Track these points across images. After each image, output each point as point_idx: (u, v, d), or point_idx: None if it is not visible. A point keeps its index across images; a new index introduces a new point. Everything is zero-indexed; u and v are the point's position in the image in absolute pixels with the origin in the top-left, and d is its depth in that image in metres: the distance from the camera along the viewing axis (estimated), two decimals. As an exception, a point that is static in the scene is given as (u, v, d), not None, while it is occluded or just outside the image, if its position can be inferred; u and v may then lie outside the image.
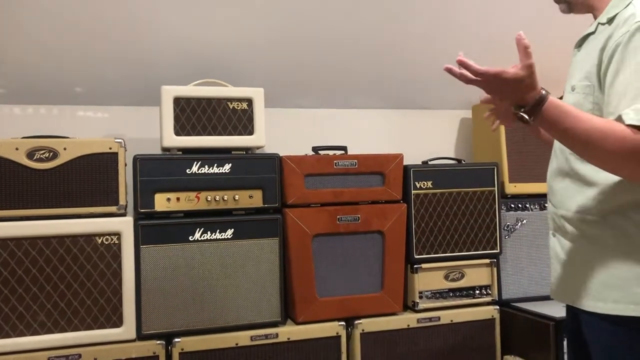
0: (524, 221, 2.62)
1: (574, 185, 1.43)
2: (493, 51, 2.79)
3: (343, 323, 2.27)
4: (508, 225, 2.60)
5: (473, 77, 1.24)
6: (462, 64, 1.23)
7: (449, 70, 1.26)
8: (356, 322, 2.29)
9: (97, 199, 2.06)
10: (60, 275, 1.99)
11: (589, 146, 1.24)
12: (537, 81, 1.24)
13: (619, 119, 1.23)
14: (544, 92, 1.24)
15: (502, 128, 2.67)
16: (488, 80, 1.24)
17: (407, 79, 2.85)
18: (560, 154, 1.49)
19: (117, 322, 2.04)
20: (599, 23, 1.41)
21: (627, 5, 1.34)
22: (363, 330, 2.29)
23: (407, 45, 2.68)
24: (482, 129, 2.86)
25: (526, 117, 1.25)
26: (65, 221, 2.01)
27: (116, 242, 2.05)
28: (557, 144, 1.51)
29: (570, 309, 1.52)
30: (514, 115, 1.27)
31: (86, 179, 2.04)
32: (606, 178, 1.35)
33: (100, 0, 2.18)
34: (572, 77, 1.46)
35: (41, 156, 2.00)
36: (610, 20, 1.37)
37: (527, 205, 2.63)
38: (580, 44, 1.49)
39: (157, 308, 2.09)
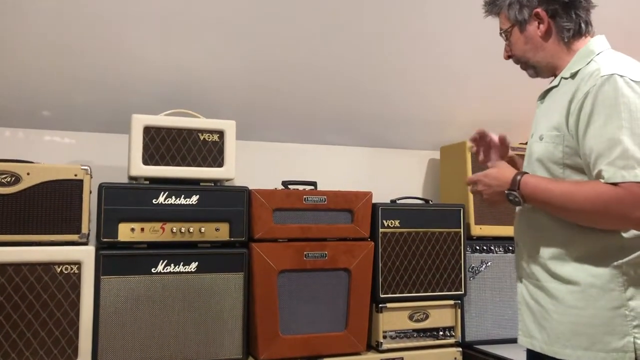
0: (489, 263, 2.65)
1: (543, 232, 1.47)
2: (466, 91, 2.87)
3: (306, 362, 2.24)
4: (473, 267, 2.62)
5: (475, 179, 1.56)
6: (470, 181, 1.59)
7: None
8: (319, 361, 2.26)
9: (59, 227, 2.00)
10: (14, 305, 1.92)
11: (570, 211, 1.38)
12: (506, 173, 1.48)
13: (598, 175, 1.32)
14: (520, 176, 1.44)
15: (469, 171, 2.71)
16: (480, 180, 1.54)
17: (379, 118, 2.89)
18: None
19: (72, 355, 1.97)
20: (562, 77, 1.50)
21: (589, 62, 1.43)
22: (326, 369, 2.26)
23: (379, 84, 2.73)
24: (450, 170, 2.90)
25: (514, 193, 1.44)
26: (24, 248, 1.95)
27: (76, 271, 1.99)
28: None
29: (532, 354, 1.52)
30: (510, 202, 1.48)
31: (49, 206, 1.99)
32: (574, 226, 1.40)
33: (73, 24, 2.17)
34: (539, 127, 1.52)
35: (2, 180, 1.95)
36: (573, 75, 1.45)
37: (492, 248, 2.66)
38: (543, 96, 1.57)
39: (115, 341, 2.02)
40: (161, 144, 2.19)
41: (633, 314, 1.33)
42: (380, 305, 2.41)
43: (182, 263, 2.12)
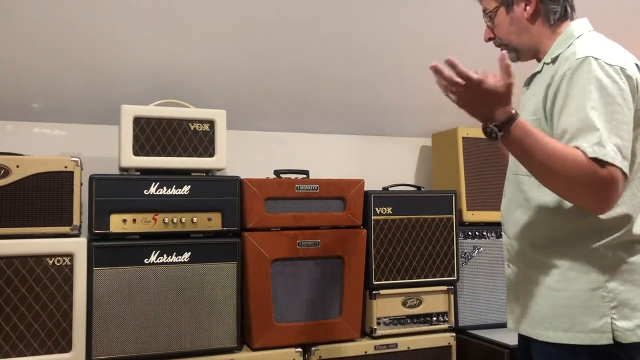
0: (481, 249, 2.66)
1: (526, 216, 1.48)
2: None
3: (300, 349, 2.24)
4: (465, 252, 2.64)
5: (457, 79, 1.26)
6: (450, 63, 1.26)
7: (436, 69, 1.28)
8: (313, 348, 2.27)
9: (50, 219, 1.99)
10: (7, 298, 1.91)
11: (549, 168, 1.28)
12: (511, 101, 1.27)
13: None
14: (514, 111, 1.28)
15: (461, 158, 2.71)
16: (469, 86, 1.26)
17: (369, 106, 2.89)
18: (514, 185, 1.53)
19: (66, 347, 1.97)
20: (544, 63, 1.50)
21: (569, 46, 1.44)
22: (320, 357, 2.27)
23: (369, 73, 2.72)
24: (441, 157, 2.91)
25: (496, 130, 1.27)
26: (15, 241, 1.94)
27: (68, 263, 1.99)
28: (510, 176, 1.56)
29: (522, 337, 1.55)
30: (483, 129, 1.31)
31: (39, 198, 1.98)
32: (555, 208, 1.40)
33: (62, 15, 2.14)
34: (522, 113, 1.52)
35: (-8, 173, 1.94)
36: (554, 60, 1.46)
37: (484, 233, 2.68)
38: (528, 82, 1.57)
39: (109, 333, 2.03)
40: (151, 135, 2.18)
41: (611, 295, 1.34)
42: (373, 292, 2.42)
43: (174, 253, 2.12)
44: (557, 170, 1.28)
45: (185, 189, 2.16)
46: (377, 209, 2.44)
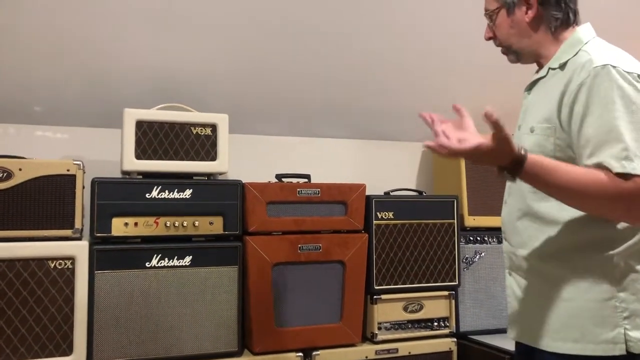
0: (482, 254, 2.66)
1: (534, 225, 1.45)
2: (458, 81, 2.87)
3: (301, 354, 2.24)
4: (467, 257, 2.63)
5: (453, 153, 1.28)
6: (442, 144, 1.26)
7: (429, 147, 1.29)
8: (314, 353, 2.26)
9: (52, 222, 2.00)
10: (8, 301, 1.91)
11: (573, 197, 1.31)
12: (514, 145, 1.27)
13: (599, 166, 1.28)
14: (522, 152, 1.28)
15: (462, 162, 2.71)
16: (467, 154, 1.27)
17: (371, 110, 2.89)
18: (517, 194, 1.50)
19: (67, 350, 1.97)
20: (549, 68, 1.47)
21: (578, 52, 1.41)
22: (321, 361, 2.27)
23: (371, 77, 2.72)
24: (443, 161, 2.91)
25: (510, 175, 1.30)
26: (17, 244, 1.94)
27: (70, 266, 1.99)
28: (513, 184, 1.54)
29: (521, 346, 1.52)
30: (499, 174, 1.32)
31: (41, 201, 1.99)
32: (565, 217, 1.38)
33: (65, 18, 2.15)
34: (528, 119, 1.50)
35: (-5, 176, 1.94)
36: (562, 66, 1.43)
37: (486, 239, 2.67)
38: (530, 87, 1.55)
39: (110, 336, 2.03)
40: (154, 138, 2.19)
41: (623, 305, 1.33)
42: (374, 296, 2.42)
43: (176, 257, 2.12)
44: (580, 197, 1.30)
45: (187, 192, 2.16)
46: (378, 213, 2.44)
